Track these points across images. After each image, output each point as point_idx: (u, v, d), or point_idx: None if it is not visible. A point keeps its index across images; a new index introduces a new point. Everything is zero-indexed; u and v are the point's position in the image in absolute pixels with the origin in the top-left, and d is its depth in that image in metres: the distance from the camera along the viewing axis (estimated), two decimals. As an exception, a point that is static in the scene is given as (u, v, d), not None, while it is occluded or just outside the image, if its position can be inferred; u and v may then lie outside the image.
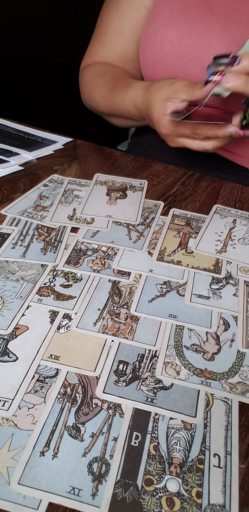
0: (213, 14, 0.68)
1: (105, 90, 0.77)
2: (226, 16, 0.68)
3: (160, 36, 0.71)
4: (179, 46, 0.69)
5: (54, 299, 0.42)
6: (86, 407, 0.32)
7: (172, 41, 0.69)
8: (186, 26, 0.69)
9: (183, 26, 0.69)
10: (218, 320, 0.42)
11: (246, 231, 0.56)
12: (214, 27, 0.67)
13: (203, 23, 0.68)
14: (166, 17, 0.71)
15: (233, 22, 0.67)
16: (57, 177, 0.66)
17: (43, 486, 0.27)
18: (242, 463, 0.30)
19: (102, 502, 0.27)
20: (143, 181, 0.67)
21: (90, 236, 0.53)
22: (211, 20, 0.68)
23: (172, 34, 0.69)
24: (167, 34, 0.70)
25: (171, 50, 0.70)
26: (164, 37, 0.70)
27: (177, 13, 0.70)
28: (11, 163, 0.68)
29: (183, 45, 0.69)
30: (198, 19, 0.68)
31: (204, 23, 0.68)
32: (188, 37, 0.68)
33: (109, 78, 0.78)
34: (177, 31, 0.69)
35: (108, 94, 0.76)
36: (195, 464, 0.29)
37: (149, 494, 0.28)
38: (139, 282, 0.46)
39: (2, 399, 0.32)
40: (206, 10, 0.69)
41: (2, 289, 0.43)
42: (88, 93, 0.83)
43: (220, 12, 0.68)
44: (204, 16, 0.68)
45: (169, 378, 0.35)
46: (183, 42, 0.69)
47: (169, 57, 0.70)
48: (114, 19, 0.80)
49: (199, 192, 0.66)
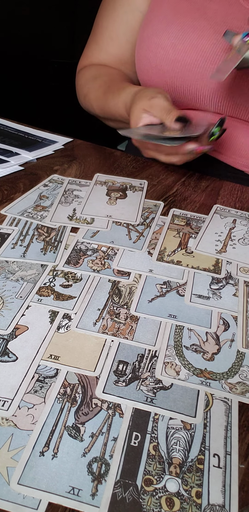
0: (206, 20, 0.69)
1: (99, 93, 0.78)
2: (219, 22, 0.68)
3: (153, 42, 0.71)
4: (173, 52, 0.69)
5: (54, 299, 0.42)
6: (86, 407, 0.32)
7: (166, 47, 0.70)
8: (180, 32, 0.69)
9: (177, 32, 0.69)
10: (218, 320, 0.42)
11: (246, 231, 0.56)
12: (207, 33, 0.68)
13: (196, 29, 0.68)
14: (160, 23, 0.71)
15: (225, 27, 0.67)
16: (57, 177, 0.66)
17: (42, 486, 0.27)
18: (242, 463, 0.30)
19: (102, 502, 0.27)
20: (143, 181, 0.67)
21: (90, 236, 0.53)
22: (204, 26, 0.68)
23: (165, 40, 0.70)
24: (160, 40, 0.70)
25: (164, 56, 0.70)
26: (157, 43, 0.71)
27: (171, 18, 0.70)
28: (11, 163, 0.68)
29: (176, 51, 0.69)
30: (191, 25, 0.69)
31: (197, 29, 0.68)
32: (181, 43, 0.69)
33: (104, 81, 0.78)
34: (170, 37, 0.69)
35: (103, 97, 0.77)
36: (194, 464, 0.29)
37: (149, 494, 0.28)
38: (139, 282, 0.46)
39: (2, 399, 0.32)
40: (199, 16, 0.69)
41: (2, 289, 0.43)
42: (84, 96, 0.83)
43: (213, 18, 0.69)
44: (197, 22, 0.69)
45: (168, 378, 0.35)
46: (176, 48, 0.69)
47: (163, 63, 0.71)
48: (110, 22, 0.80)
49: (199, 192, 0.66)
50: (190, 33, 0.68)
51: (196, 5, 0.70)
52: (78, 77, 0.86)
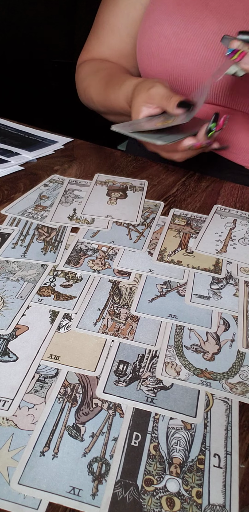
0: (208, 10, 0.69)
1: (100, 87, 0.78)
2: (221, 11, 0.68)
3: (156, 31, 0.71)
4: (175, 40, 0.69)
5: (54, 299, 0.42)
6: (87, 407, 0.32)
7: (168, 36, 0.70)
8: (182, 21, 0.69)
9: (179, 21, 0.69)
10: (218, 320, 0.42)
11: (246, 231, 0.56)
12: (209, 22, 0.68)
13: (199, 19, 0.69)
14: (162, 13, 0.71)
15: (228, 17, 0.68)
16: (57, 177, 0.66)
17: (43, 486, 0.27)
18: (242, 463, 0.30)
19: (102, 502, 0.27)
20: (143, 181, 0.67)
21: (91, 236, 0.53)
22: (207, 16, 0.68)
23: (168, 29, 0.70)
24: (162, 29, 0.70)
25: (167, 45, 0.70)
26: (160, 32, 0.71)
27: (173, 8, 0.71)
28: (12, 163, 0.68)
29: (179, 39, 0.69)
30: (194, 15, 0.69)
31: (199, 18, 0.69)
32: (183, 32, 0.69)
33: (104, 75, 0.78)
34: (173, 26, 0.70)
35: (103, 91, 0.76)
36: (195, 464, 0.29)
37: (149, 494, 0.28)
38: (139, 282, 0.46)
39: (2, 399, 0.32)
40: (201, 6, 0.69)
41: (2, 289, 0.43)
42: (84, 90, 0.83)
43: (215, 8, 0.69)
44: (199, 11, 0.69)
45: (169, 378, 0.35)
46: (178, 37, 0.69)
47: (165, 51, 0.71)
48: (111, 16, 0.80)
49: (199, 192, 0.66)
50: (193, 22, 0.69)
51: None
52: (78, 71, 0.86)
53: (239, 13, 0.68)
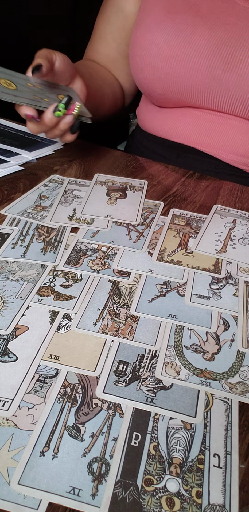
0: (199, 17, 0.69)
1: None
2: (212, 18, 0.69)
3: (147, 39, 0.72)
4: (166, 48, 0.70)
5: (54, 299, 0.42)
6: (86, 407, 0.32)
7: (159, 44, 0.70)
8: (173, 29, 0.70)
9: (170, 28, 0.70)
10: (218, 320, 0.42)
11: (246, 231, 0.56)
12: (200, 29, 0.68)
13: (189, 26, 0.69)
14: (153, 21, 0.72)
15: (219, 24, 0.68)
16: (57, 177, 0.66)
17: (43, 486, 0.27)
18: (242, 463, 0.30)
19: (102, 502, 0.27)
20: (143, 181, 0.67)
21: (90, 236, 0.53)
22: (198, 22, 0.69)
23: (159, 36, 0.70)
24: (154, 37, 0.71)
25: (158, 53, 0.71)
26: (151, 40, 0.71)
27: (164, 16, 0.71)
28: (11, 163, 0.68)
29: (170, 46, 0.70)
30: (185, 22, 0.69)
31: (190, 25, 0.69)
32: (174, 39, 0.69)
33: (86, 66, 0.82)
34: (164, 34, 0.70)
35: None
36: (195, 464, 0.29)
37: (149, 494, 0.28)
38: (139, 282, 0.46)
39: (2, 399, 0.32)
40: (192, 13, 0.70)
41: (2, 289, 0.43)
42: None
43: (206, 15, 0.69)
44: (190, 18, 0.69)
45: (169, 378, 0.35)
46: (170, 44, 0.69)
47: (157, 59, 0.71)
48: (100, 23, 0.85)
49: (199, 192, 0.66)
50: (183, 29, 0.69)
51: (189, 3, 0.71)
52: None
53: (231, 19, 0.68)
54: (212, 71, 0.68)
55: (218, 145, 0.75)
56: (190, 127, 0.77)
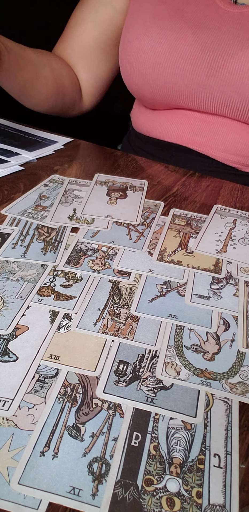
0: (184, 22, 0.70)
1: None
2: (196, 22, 0.69)
3: (134, 46, 0.73)
4: (153, 54, 0.71)
5: (54, 299, 0.42)
6: (87, 407, 0.32)
7: (146, 51, 0.71)
8: (158, 35, 0.70)
9: (156, 34, 0.71)
10: (218, 320, 0.42)
11: (247, 231, 0.56)
12: (185, 34, 0.69)
13: (175, 31, 0.70)
14: (139, 27, 0.73)
15: (203, 28, 0.69)
16: (57, 177, 0.66)
17: (43, 486, 0.27)
18: (242, 463, 0.30)
19: (103, 502, 0.27)
20: (143, 181, 0.67)
21: (91, 236, 0.53)
22: (182, 28, 0.70)
23: (145, 43, 0.71)
24: (140, 44, 0.72)
25: (145, 59, 0.72)
26: (138, 47, 0.72)
27: (150, 22, 0.72)
28: (11, 163, 0.68)
29: (156, 53, 0.70)
30: (170, 27, 0.70)
31: (175, 30, 0.70)
32: (160, 46, 0.70)
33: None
34: (150, 40, 0.71)
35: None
36: (195, 464, 0.29)
37: (149, 494, 0.28)
38: (139, 282, 0.45)
39: (2, 399, 0.32)
40: (177, 18, 0.70)
41: (2, 289, 0.43)
42: None
43: (190, 19, 0.70)
44: (175, 23, 0.70)
45: (169, 378, 0.35)
46: (156, 51, 0.70)
47: (144, 65, 0.72)
48: (77, 11, 0.82)
49: (199, 192, 0.66)
50: (169, 35, 0.70)
51: (173, 8, 0.72)
52: None
53: (213, 23, 0.69)
54: (196, 76, 0.69)
55: (210, 144, 0.76)
56: (181, 127, 0.78)
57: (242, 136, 0.74)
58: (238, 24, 0.68)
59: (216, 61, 0.68)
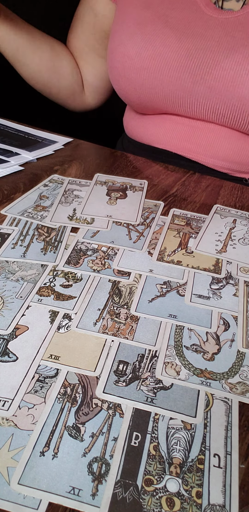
0: (168, 28, 0.70)
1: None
2: (181, 28, 0.70)
3: (120, 52, 0.74)
4: (138, 60, 0.71)
5: (54, 299, 0.42)
6: (86, 407, 0.32)
7: (131, 56, 0.72)
8: (143, 41, 0.71)
9: (140, 40, 0.71)
10: (218, 320, 0.42)
11: (246, 231, 0.56)
12: (169, 40, 0.69)
13: (159, 37, 0.70)
14: (124, 33, 0.73)
15: (187, 34, 0.69)
16: (57, 177, 0.66)
17: (43, 486, 0.27)
18: (242, 463, 0.30)
19: (102, 502, 0.27)
20: (143, 181, 0.67)
21: (90, 236, 0.53)
22: (166, 33, 0.70)
23: (130, 49, 0.72)
24: (126, 50, 0.72)
25: (131, 65, 0.72)
26: (123, 53, 0.73)
27: (134, 28, 0.72)
28: (11, 163, 0.68)
29: (141, 58, 0.71)
30: (154, 33, 0.70)
31: (160, 36, 0.70)
32: (145, 51, 0.70)
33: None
34: (135, 46, 0.71)
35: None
36: (195, 464, 0.29)
37: (149, 494, 0.28)
38: (139, 282, 0.46)
39: (2, 399, 0.32)
40: (161, 24, 0.71)
41: (2, 289, 0.43)
42: None
43: (175, 25, 0.70)
44: (159, 30, 0.70)
45: (169, 378, 0.35)
46: (141, 56, 0.71)
47: (130, 71, 0.73)
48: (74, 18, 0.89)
49: (199, 192, 0.66)
50: (153, 41, 0.70)
51: (158, 13, 0.72)
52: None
53: (198, 29, 0.69)
54: (181, 83, 0.69)
55: (198, 150, 0.76)
56: (170, 133, 0.78)
57: (230, 142, 0.74)
58: (223, 30, 0.68)
59: (200, 68, 0.67)
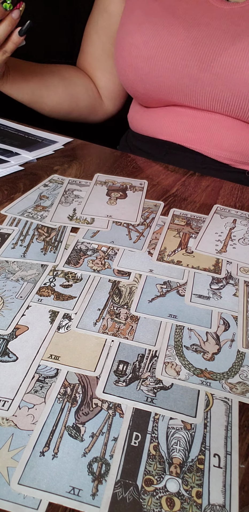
0: (175, 18, 0.72)
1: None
2: (188, 19, 0.72)
3: (127, 41, 0.75)
4: (145, 49, 0.73)
5: (54, 299, 0.42)
6: (86, 407, 0.32)
7: (139, 45, 0.73)
8: (151, 31, 0.73)
9: (148, 30, 0.73)
10: (218, 320, 0.42)
11: (246, 231, 0.56)
12: (176, 29, 0.71)
13: (166, 27, 0.72)
14: (132, 24, 0.75)
15: (194, 24, 0.71)
16: (57, 177, 0.66)
17: (43, 486, 0.27)
18: (242, 463, 0.30)
19: (102, 502, 0.27)
20: (143, 181, 0.67)
21: (90, 236, 0.53)
22: (174, 23, 0.72)
23: (138, 38, 0.74)
24: (133, 39, 0.74)
25: (138, 54, 0.74)
26: (131, 42, 0.75)
27: (142, 18, 0.74)
28: (11, 163, 0.68)
29: (148, 47, 0.72)
30: (162, 23, 0.72)
31: (167, 26, 0.72)
32: (153, 40, 0.72)
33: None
34: (142, 36, 0.73)
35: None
36: (195, 464, 0.29)
37: (149, 494, 0.28)
38: (139, 282, 0.45)
39: (2, 399, 0.32)
40: (169, 15, 0.73)
41: (2, 289, 0.43)
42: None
43: (182, 16, 0.72)
44: (167, 20, 0.72)
45: (169, 378, 0.35)
46: (148, 45, 0.72)
47: (137, 60, 0.74)
48: (87, 25, 0.89)
49: (199, 192, 0.66)
50: (161, 30, 0.72)
51: (166, 5, 0.74)
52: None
53: (205, 19, 0.71)
54: (188, 70, 0.71)
55: (202, 141, 0.77)
56: (174, 125, 0.79)
57: (234, 133, 0.74)
58: (229, 20, 0.70)
59: (207, 56, 0.69)
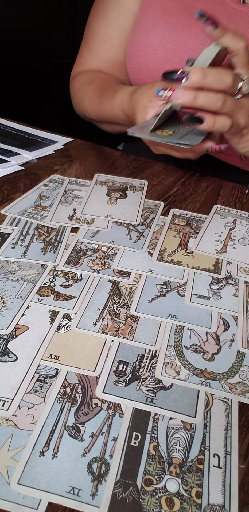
0: (193, 19, 0.69)
1: (94, 97, 0.78)
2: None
3: (143, 41, 0.72)
4: (162, 51, 0.70)
5: (54, 299, 0.42)
6: (86, 407, 0.32)
7: (155, 46, 0.71)
8: (168, 31, 0.70)
9: (165, 31, 0.70)
10: (218, 320, 0.42)
11: (246, 231, 0.56)
12: (194, 31, 0.69)
13: (184, 28, 0.69)
14: (148, 23, 0.72)
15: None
16: (57, 177, 0.66)
17: (42, 486, 0.27)
18: (242, 463, 0.30)
19: (102, 502, 0.27)
20: (143, 181, 0.67)
21: (90, 236, 0.53)
22: (192, 25, 0.69)
23: (154, 39, 0.71)
24: (149, 39, 0.71)
25: (154, 55, 0.71)
26: (147, 42, 0.72)
27: (159, 18, 0.71)
28: (11, 163, 0.68)
29: (165, 49, 0.70)
30: (179, 24, 0.70)
31: (184, 27, 0.69)
32: (169, 42, 0.70)
33: (98, 85, 0.79)
34: (159, 36, 0.70)
35: (97, 101, 0.77)
36: (194, 464, 0.29)
37: (149, 494, 0.28)
38: (139, 282, 0.46)
39: (2, 399, 0.32)
40: (187, 15, 0.70)
41: (2, 289, 0.43)
42: (79, 102, 0.84)
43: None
44: (185, 21, 0.70)
45: (168, 378, 0.35)
46: (165, 47, 0.70)
47: (152, 61, 0.72)
48: (101, 27, 0.81)
49: (199, 192, 0.66)
50: (178, 31, 0.69)
51: (183, 4, 0.72)
52: (72, 83, 0.87)
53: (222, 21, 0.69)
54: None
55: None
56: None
57: None
58: (247, 22, 0.68)
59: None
